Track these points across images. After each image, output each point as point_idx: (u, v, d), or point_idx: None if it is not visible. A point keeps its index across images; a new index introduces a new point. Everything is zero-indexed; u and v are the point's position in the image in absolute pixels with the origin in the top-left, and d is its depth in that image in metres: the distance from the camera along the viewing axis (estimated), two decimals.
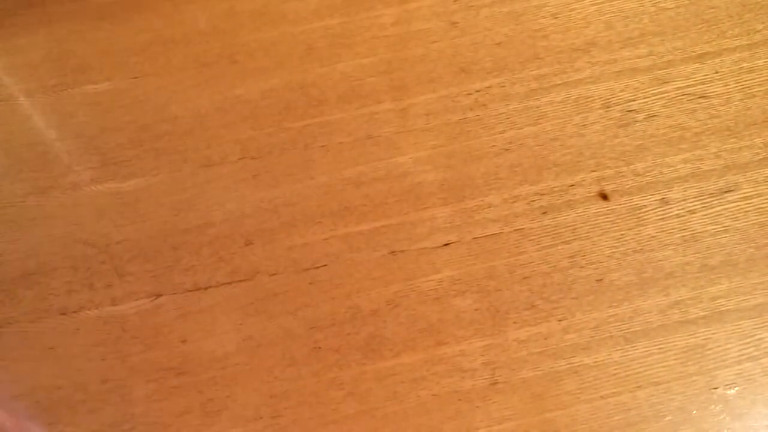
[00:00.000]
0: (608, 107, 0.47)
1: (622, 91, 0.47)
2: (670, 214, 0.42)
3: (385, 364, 0.39)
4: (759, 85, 0.46)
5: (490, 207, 0.44)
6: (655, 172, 0.44)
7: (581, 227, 0.42)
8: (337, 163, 0.46)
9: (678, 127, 0.45)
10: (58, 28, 0.56)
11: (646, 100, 0.46)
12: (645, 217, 0.42)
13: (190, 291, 0.43)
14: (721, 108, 0.46)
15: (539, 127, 0.46)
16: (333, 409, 0.38)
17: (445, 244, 0.43)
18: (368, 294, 0.41)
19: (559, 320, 0.39)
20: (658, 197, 0.43)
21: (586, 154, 0.45)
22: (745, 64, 0.47)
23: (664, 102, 0.46)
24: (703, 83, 0.47)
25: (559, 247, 0.42)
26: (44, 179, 0.48)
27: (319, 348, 0.39)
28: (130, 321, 0.42)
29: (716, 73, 0.47)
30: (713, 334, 0.38)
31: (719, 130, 0.45)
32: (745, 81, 0.46)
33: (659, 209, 0.42)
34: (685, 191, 0.43)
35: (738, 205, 0.42)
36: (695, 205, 0.42)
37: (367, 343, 0.40)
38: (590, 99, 0.47)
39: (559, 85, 0.48)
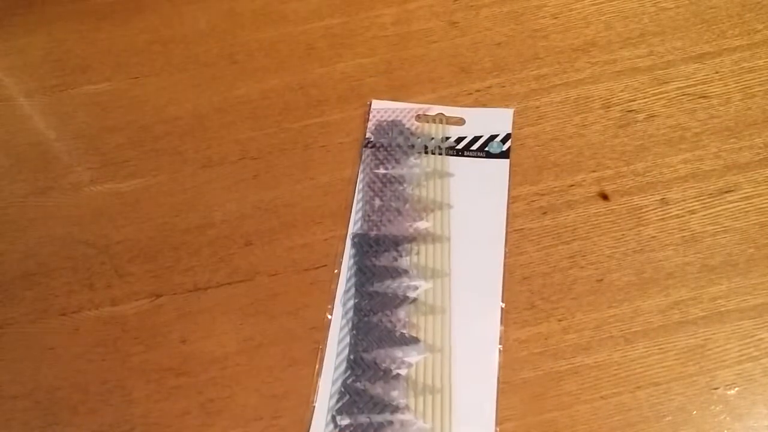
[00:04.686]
0: (608, 107, 0.47)
1: (622, 91, 0.47)
2: (670, 214, 0.42)
3: None
4: (759, 85, 0.46)
5: None
6: (655, 172, 0.44)
7: (581, 227, 0.42)
8: (337, 163, 0.46)
9: (678, 127, 0.45)
10: (58, 28, 0.56)
11: (646, 100, 0.46)
12: (645, 217, 0.42)
13: (190, 291, 0.43)
14: (721, 108, 0.46)
15: (539, 127, 0.46)
16: None
17: None
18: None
19: (559, 320, 0.39)
20: (658, 197, 0.43)
21: (586, 154, 0.45)
22: (745, 64, 0.47)
23: (664, 102, 0.46)
24: (703, 83, 0.47)
25: (559, 248, 0.42)
26: (44, 180, 0.48)
27: (320, 348, 0.39)
28: (130, 321, 0.42)
29: (716, 73, 0.47)
30: (713, 334, 0.38)
31: (719, 130, 0.45)
32: (746, 81, 0.46)
33: (659, 209, 0.42)
34: (685, 191, 0.43)
35: (738, 206, 0.42)
36: (695, 206, 0.42)
37: None
38: (590, 99, 0.47)
39: (559, 85, 0.48)
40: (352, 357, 0.38)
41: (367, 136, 0.46)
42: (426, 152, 0.45)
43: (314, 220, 0.44)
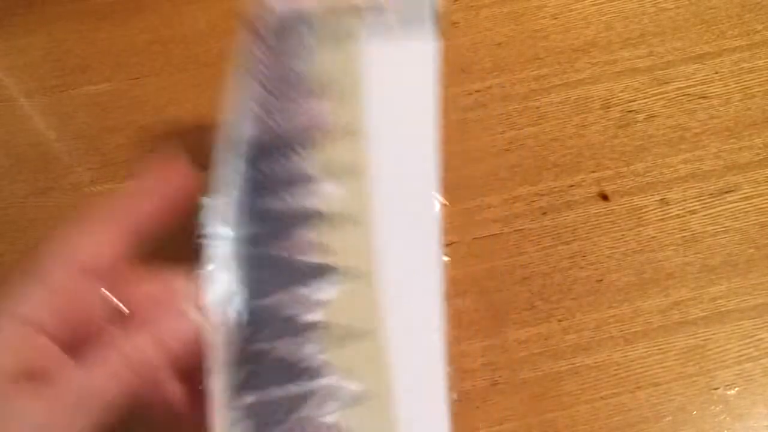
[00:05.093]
0: (608, 108, 0.47)
1: (622, 91, 0.47)
2: (670, 215, 0.42)
3: None
4: (759, 85, 0.46)
5: (490, 207, 0.44)
6: (655, 172, 0.44)
7: (581, 228, 0.42)
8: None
9: (678, 128, 0.45)
10: (58, 28, 0.56)
11: (646, 100, 0.47)
12: (645, 218, 0.42)
13: None
14: (721, 108, 0.46)
15: (539, 127, 0.46)
16: None
17: (445, 245, 0.43)
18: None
19: (559, 320, 0.39)
20: (658, 198, 0.43)
21: (586, 154, 0.45)
22: (744, 65, 0.47)
23: (663, 102, 0.46)
24: (703, 83, 0.47)
25: (559, 248, 0.42)
26: (44, 180, 0.48)
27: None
28: None
29: (716, 73, 0.47)
30: (713, 334, 0.38)
31: (719, 130, 0.45)
32: (745, 81, 0.46)
33: (659, 209, 0.42)
34: (685, 191, 0.43)
35: (738, 206, 0.42)
36: (695, 206, 0.42)
37: None
38: (590, 99, 0.47)
39: (559, 85, 0.48)
40: (243, 309, 0.27)
41: (257, 33, 0.34)
42: (333, 39, 0.34)
43: None
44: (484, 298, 0.41)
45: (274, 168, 0.29)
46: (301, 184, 0.29)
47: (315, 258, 0.28)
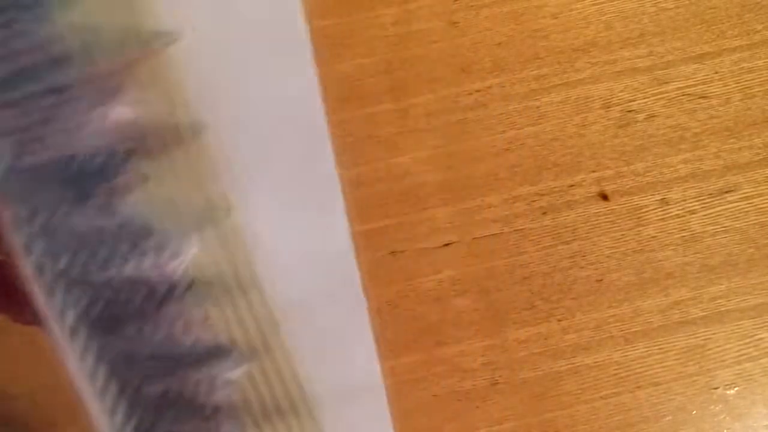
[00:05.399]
0: (608, 107, 0.47)
1: (622, 91, 0.47)
2: (670, 215, 0.42)
3: (385, 365, 0.39)
4: (759, 85, 0.46)
5: (490, 207, 0.44)
6: (655, 172, 0.44)
7: (581, 227, 0.42)
8: (336, 164, 0.46)
9: (678, 128, 0.45)
10: None
11: (645, 100, 0.47)
12: (645, 218, 0.42)
13: None
14: (721, 108, 0.46)
15: (539, 127, 0.46)
16: None
17: (445, 244, 0.43)
18: (368, 294, 0.41)
19: (559, 320, 0.39)
20: (658, 197, 0.43)
21: (586, 154, 0.45)
22: (745, 65, 0.47)
23: (663, 102, 0.46)
24: (703, 83, 0.47)
25: (559, 248, 0.42)
26: None
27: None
28: None
29: (716, 73, 0.47)
30: (713, 334, 0.38)
31: (719, 130, 0.45)
32: (745, 81, 0.46)
33: (659, 209, 0.42)
34: (685, 191, 0.43)
35: (738, 206, 0.42)
36: (695, 206, 0.42)
37: None
38: (590, 99, 0.47)
39: (559, 85, 0.48)
40: (125, 400, 0.21)
41: None
42: None
43: None
44: (484, 298, 0.41)
45: (79, 215, 0.18)
46: (136, 241, 0.19)
47: (200, 334, 0.20)
